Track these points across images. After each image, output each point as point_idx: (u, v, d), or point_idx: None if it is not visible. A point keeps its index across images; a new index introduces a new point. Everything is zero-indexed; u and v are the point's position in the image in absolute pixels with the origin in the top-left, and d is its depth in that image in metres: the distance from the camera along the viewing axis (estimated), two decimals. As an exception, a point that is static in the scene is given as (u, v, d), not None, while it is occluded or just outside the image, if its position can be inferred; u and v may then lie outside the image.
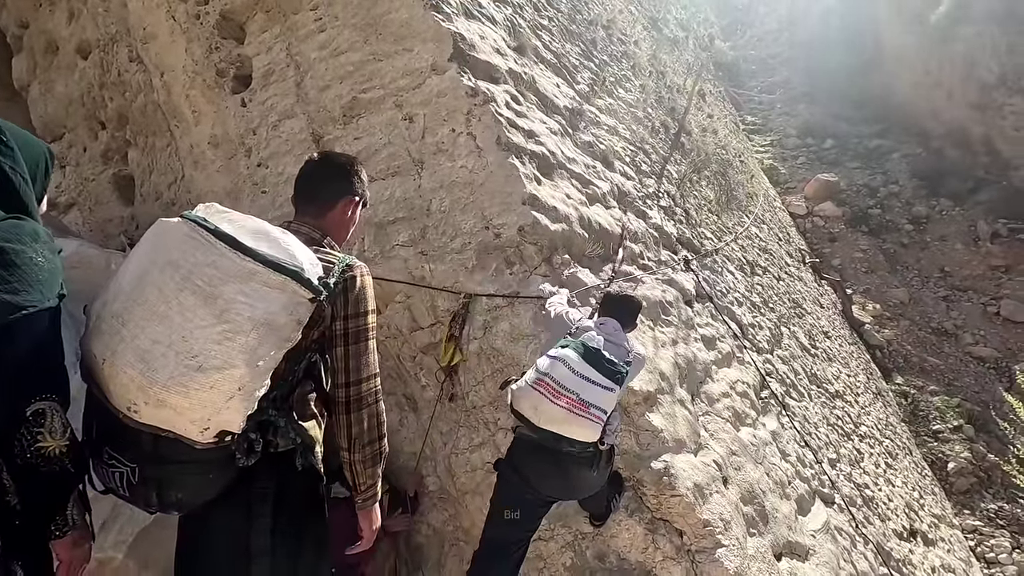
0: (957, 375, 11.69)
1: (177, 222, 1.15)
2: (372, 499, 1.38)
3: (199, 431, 1.08)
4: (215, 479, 1.16)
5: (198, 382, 1.04)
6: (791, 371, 5.43)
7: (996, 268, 14.32)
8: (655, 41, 8.60)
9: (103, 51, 4.74)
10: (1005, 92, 16.52)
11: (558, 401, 1.82)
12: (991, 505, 9.00)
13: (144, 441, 1.10)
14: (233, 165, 3.85)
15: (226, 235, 1.11)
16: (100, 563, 1.99)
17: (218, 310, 1.06)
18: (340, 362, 1.29)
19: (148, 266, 1.10)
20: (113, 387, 1.07)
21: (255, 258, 1.10)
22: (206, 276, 1.07)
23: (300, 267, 1.15)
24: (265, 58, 3.67)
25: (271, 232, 1.20)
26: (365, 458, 1.32)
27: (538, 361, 1.94)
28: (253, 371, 1.09)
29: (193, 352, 1.04)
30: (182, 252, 1.09)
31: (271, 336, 1.11)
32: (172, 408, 1.05)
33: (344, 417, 1.30)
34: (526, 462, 1.98)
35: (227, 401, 1.07)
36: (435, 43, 3.16)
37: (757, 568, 2.56)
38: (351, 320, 1.28)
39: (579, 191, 3.57)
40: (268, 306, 1.10)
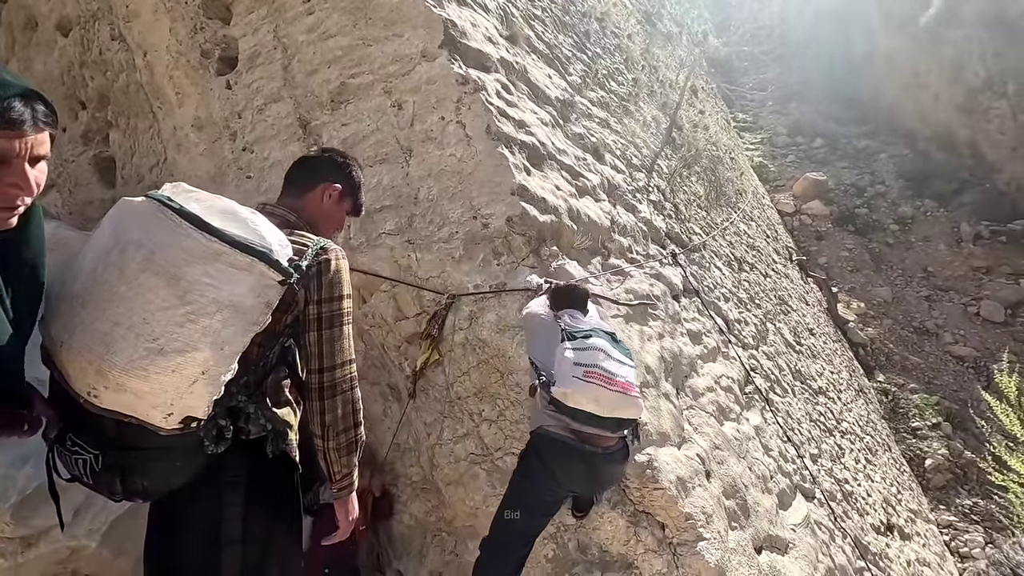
0: (937, 374, 11.91)
1: (141, 201, 1.11)
2: (348, 488, 1.35)
3: (162, 416, 1.04)
4: (182, 466, 1.12)
5: (159, 365, 1.00)
6: (775, 367, 5.48)
7: (977, 269, 14.57)
8: (648, 35, 8.57)
9: (84, 28, 4.61)
10: (991, 96, 16.75)
11: (613, 388, 1.89)
12: (966, 501, 9.21)
13: (107, 427, 1.06)
14: (217, 149, 3.77)
15: (192, 215, 1.07)
16: (73, 552, 1.95)
17: (181, 291, 1.02)
18: (314, 347, 1.25)
19: (110, 246, 1.06)
20: (72, 371, 1.03)
21: (221, 238, 1.07)
22: (169, 257, 1.03)
23: (268, 248, 1.12)
24: (251, 40, 3.59)
25: (239, 212, 1.16)
26: (339, 446, 1.28)
27: (567, 357, 1.94)
28: (218, 355, 1.05)
29: (154, 335, 1.00)
30: (145, 232, 1.05)
31: (237, 319, 1.07)
32: (132, 392, 1.01)
33: (318, 403, 1.26)
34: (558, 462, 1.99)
35: (190, 385, 1.03)
36: (426, 29, 3.10)
37: (737, 561, 2.58)
38: (325, 304, 1.25)
39: (569, 183, 3.55)
40: (234, 288, 1.06)
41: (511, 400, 2.61)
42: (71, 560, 2.02)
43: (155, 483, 1.12)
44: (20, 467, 1.83)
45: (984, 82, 16.80)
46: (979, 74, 16.90)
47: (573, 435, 1.95)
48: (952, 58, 17.70)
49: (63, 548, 1.91)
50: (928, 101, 19.00)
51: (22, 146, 0.86)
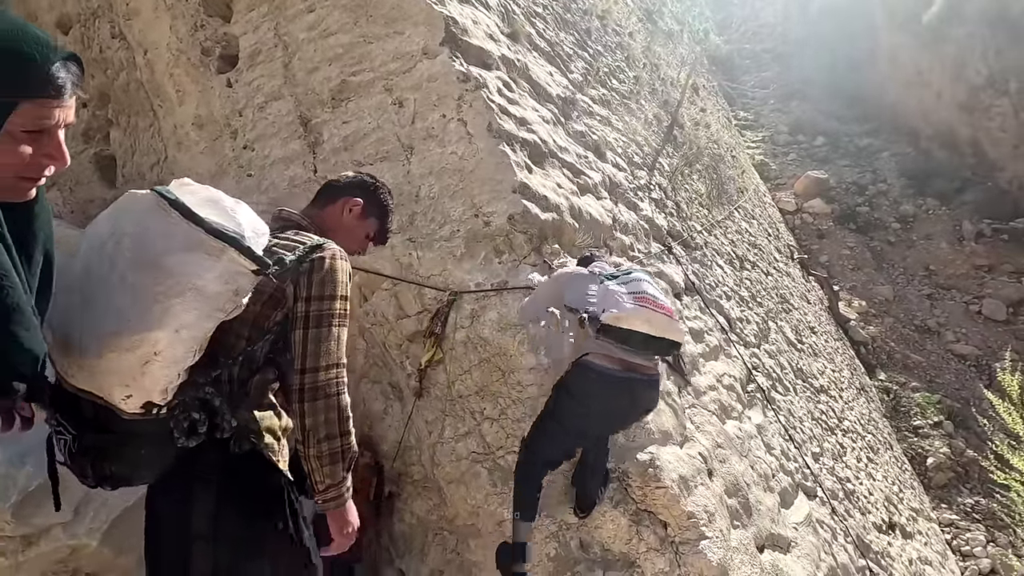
0: (938, 372, 11.89)
1: (143, 193, 1.13)
2: (334, 501, 1.27)
3: (121, 398, 1.04)
4: (148, 455, 1.11)
5: (113, 344, 1.00)
6: (777, 365, 5.47)
7: (979, 267, 14.54)
8: (650, 33, 8.55)
9: (84, 26, 4.60)
10: (993, 94, 16.70)
11: (662, 311, 2.06)
12: (968, 500, 9.19)
13: (85, 408, 1.07)
14: (218, 147, 3.76)
15: (182, 205, 1.09)
16: (74, 550, 1.95)
17: (155, 277, 1.03)
18: (298, 346, 1.21)
19: (105, 237, 1.09)
20: (52, 351, 1.06)
21: (201, 226, 1.08)
22: (157, 245, 1.05)
23: (240, 234, 1.10)
24: (252, 37, 3.58)
25: (222, 201, 1.17)
26: (321, 454, 1.21)
27: (614, 288, 2.09)
28: (172, 336, 1.03)
29: (115, 314, 1.01)
30: (138, 223, 1.08)
31: (200, 304, 1.05)
32: (90, 372, 1.03)
33: (298, 406, 1.21)
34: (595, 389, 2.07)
35: (142, 366, 1.02)
36: (427, 26, 3.09)
37: (740, 560, 2.57)
38: (314, 302, 1.21)
39: (570, 181, 3.54)
40: (201, 272, 1.05)
41: (513, 399, 2.60)
42: (72, 559, 2.01)
43: (121, 469, 1.12)
44: (20, 465, 1.83)
45: (986, 80, 16.75)
46: (981, 72, 16.84)
47: (618, 365, 2.04)
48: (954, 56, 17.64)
49: (64, 547, 1.91)
50: (930, 99, 18.94)
51: (60, 114, 0.83)
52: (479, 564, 2.54)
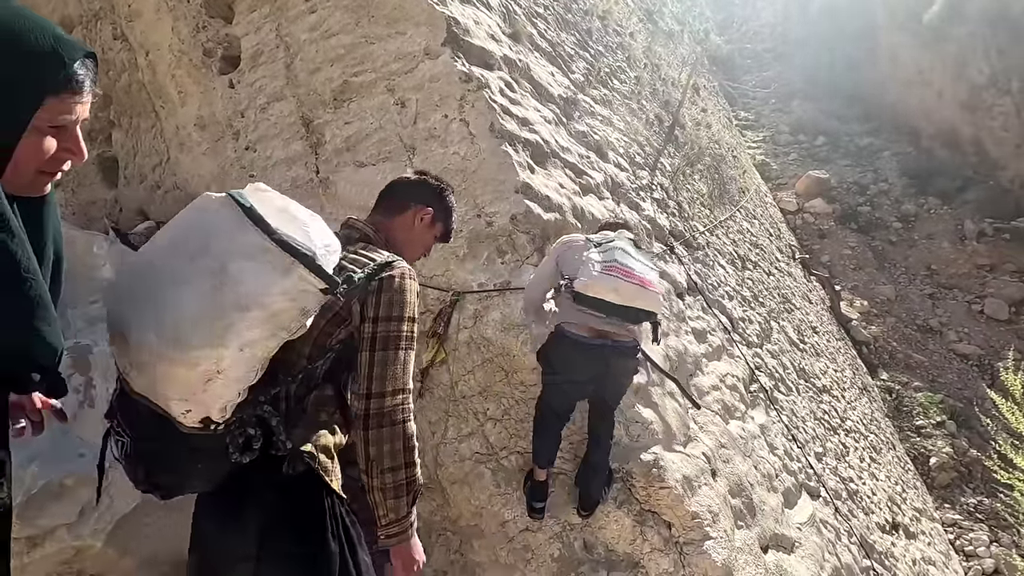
0: (941, 372, 11.87)
1: (216, 197, 1.10)
2: (398, 536, 1.20)
3: (181, 412, 1.01)
4: (204, 469, 1.08)
5: (178, 357, 0.97)
6: (780, 365, 5.46)
7: (981, 267, 14.52)
8: (650, 33, 8.55)
9: (86, 28, 4.61)
10: (995, 93, 16.68)
11: (631, 280, 2.12)
12: (971, 500, 9.17)
13: (143, 412, 1.03)
14: (220, 148, 3.76)
15: (252, 210, 1.05)
16: (78, 551, 1.95)
17: (219, 285, 0.99)
18: (363, 368, 1.15)
19: (172, 237, 1.08)
20: (114, 348, 1.05)
21: (270, 236, 1.03)
22: (221, 250, 1.02)
23: (312, 251, 1.05)
24: (254, 38, 3.58)
25: (294, 211, 1.12)
26: (385, 486, 1.15)
27: (590, 258, 2.17)
28: (236, 355, 1.00)
29: (182, 322, 0.98)
30: (207, 225, 1.05)
31: (265, 322, 1.02)
32: (151, 380, 1.00)
33: (362, 433, 1.14)
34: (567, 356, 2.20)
35: (204, 384, 0.99)
36: (428, 27, 3.09)
37: (744, 560, 2.56)
38: (381, 323, 1.15)
39: (572, 181, 3.54)
40: (267, 287, 1.01)
41: (516, 399, 2.60)
42: (76, 560, 2.01)
43: (174, 480, 1.09)
44: (26, 466, 1.83)
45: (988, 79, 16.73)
46: (983, 71, 16.82)
47: (588, 332, 2.16)
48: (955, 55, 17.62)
49: (68, 548, 1.91)
50: (931, 98, 18.92)
51: (80, 110, 0.83)
52: (482, 565, 2.54)
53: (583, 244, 2.31)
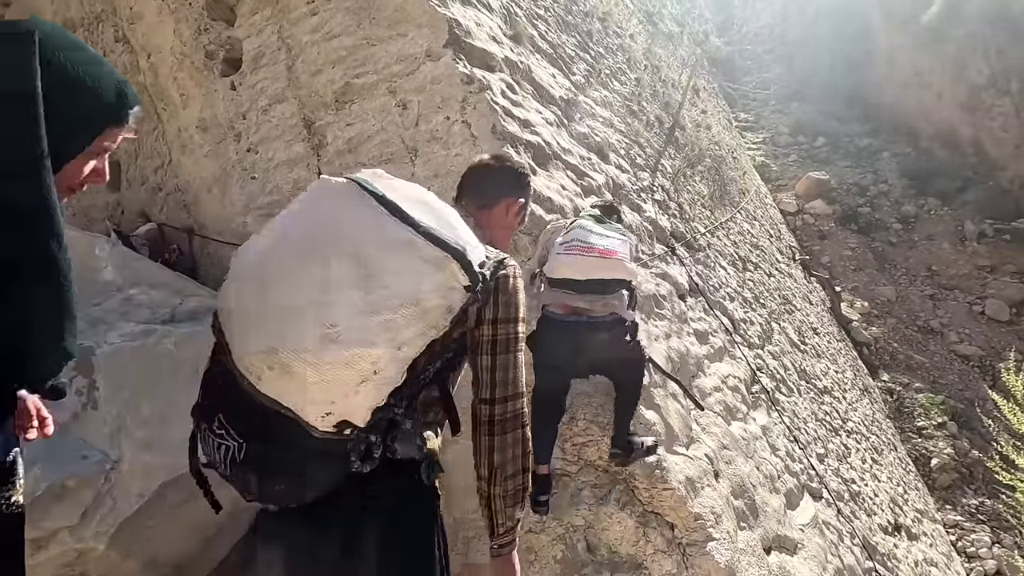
0: (942, 373, 11.87)
1: (340, 181, 1.04)
2: (509, 546, 1.13)
3: (319, 415, 0.94)
4: (323, 478, 0.99)
5: (331, 355, 0.91)
6: (781, 366, 5.46)
7: (982, 268, 14.52)
8: (650, 35, 8.56)
9: (87, 30, 4.62)
10: (994, 93, 16.70)
11: (589, 254, 2.24)
12: (972, 501, 9.16)
13: (257, 415, 0.96)
14: (222, 150, 3.77)
15: (388, 200, 1.00)
16: (81, 554, 1.94)
17: (367, 278, 0.94)
18: (486, 374, 1.09)
19: (303, 222, 1.02)
20: (243, 344, 0.96)
21: (415, 228, 0.98)
22: (360, 240, 0.97)
23: (463, 247, 1.01)
24: (256, 41, 3.59)
25: (433, 203, 1.07)
26: (507, 493, 1.09)
27: (555, 241, 2.32)
28: (392, 354, 0.94)
29: (332, 320, 0.92)
30: (340, 213, 1.00)
31: (418, 319, 0.96)
32: (297, 380, 0.92)
33: (487, 439, 1.08)
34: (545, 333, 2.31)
35: (358, 384, 0.93)
36: (430, 28, 3.10)
37: (747, 562, 2.56)
38: (500, 325, 1.09)
39: (574, 182, 3.54)
40: (421, 284, 0.96)
41: (519, 400, 2.59)
42: (79, 562, 2.01)
43: (291, 488, 0.99)
44: (29, 468, 1.83)
45: (987, 80, 16.75)
46: (982, 72, 16.85)
47: (564, 310, 2.28)
48: (954, 56, 17.65)
49: (71, 550, 1.90)
50: (930, 99, 18.95)
51: (119, 141, 0.92)
52: (486, 566, 2.53)
53: (562, 228, 2.44)
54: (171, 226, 4.24)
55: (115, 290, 2.55)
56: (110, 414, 2.11)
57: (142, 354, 2.29)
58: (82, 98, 0.83)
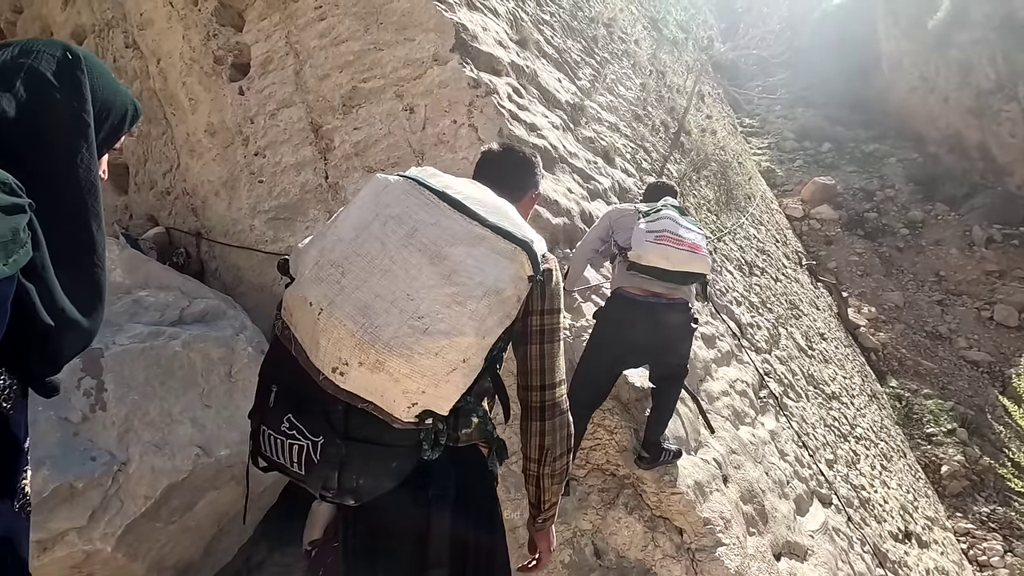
0: (951, 379, 11.75)
1: (397, 179, 1.07)
2: (552, 519, 1.25)
3: (406, 406, 0.96)
4: (397, 468, 1.01)
5: (423, 345, 0.93)
6: (789, 371, 5.42)
7: (990, 273, 14.40)
8: (655, 41, 8.58)
9: (98, 37, 4.66)
10: (1001, 98, 16.62)
11: (681, 247, 2.37)
12: (983, 508, 9.04)
13: (335, 411, 0.97)
14: (230, 154, 3.79)
15: (450, 197, 1.03)
16: (88, 555, 1.94)
17: (446, 271, 0.97)
18: (535, 362, 1.13)
19: (370, 219, 1.02)
20: (324, 342, 0.96)
21: (482, 223, 1.02)
22: (431, 235, 0.99)
23: (530, 239, 1.04)
24: (264, 46, 3.61)
25: (487, 198, 1.10)
26: (554, 472, 1.17)
27: (640, 228, 2.40)
28: (480, 343, 0.98)
29: (419, 312, 0.94)
30: (404, 208, 1.02)
31: (498, 308, 0.99)
32: (389, 373, 0.93)
33: (538, 424, 1.14)
34: (625, 312, 2.44)
35: (448, 373, 0.96)
36: (437, 33, 3.11)
37: (757, 568, 2.53)
38: (547, 316, 1.13)
39: (581, 186, 3.54)
40: (498, 273, 1.00)
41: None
42: (85, 564, 2.01)
43: (369, 482, 1.00)
44: (36, 469, 1.83)
45: (994, 85, 16.67)
46: (989, 77, 16.77)
47: (642, 293, 2.42)
48: (961, 61, 17.59)
49: (78, 552, 1.90)
50: (937, 104, 18.87)
51: None
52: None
53: (634, 213, 2.53)
54: (179, 230, 4.26)
55: (124, 292, 2.56)
56: (118, 416, 2.11)
57: (150, 356, 2.29)
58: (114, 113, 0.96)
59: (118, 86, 0.98)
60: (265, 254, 3.62)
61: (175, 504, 2.17)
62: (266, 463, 1.05)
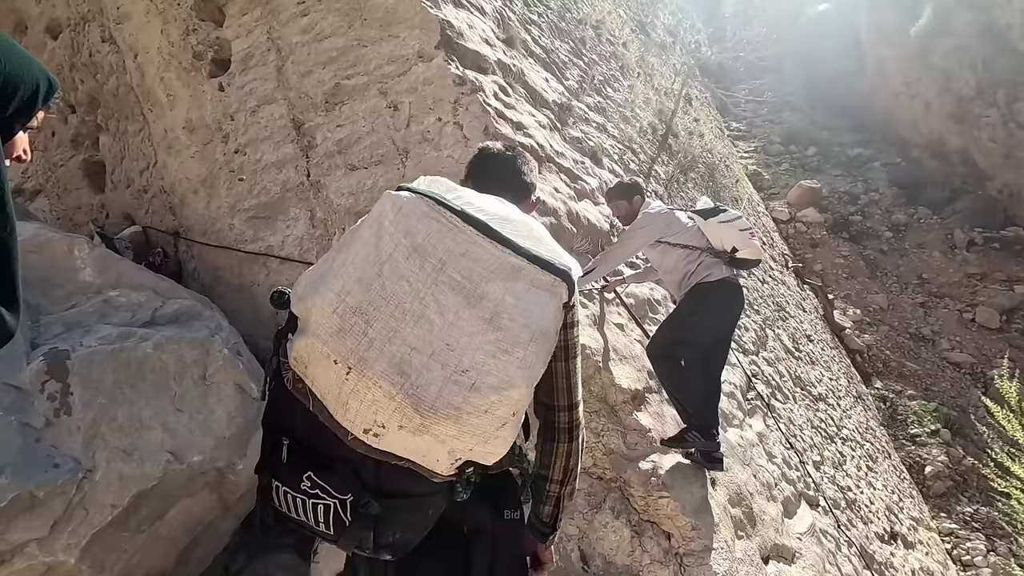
0: (934, 380, 11.89)
1: (412, 197, 0.92)
2: (558, 531, 1.23)
3: (450, 463, 0.88)
4: (432, 514, 0.96)
5: (472, 404, 0.83)
6: (776, 373, 5.42)
7: (972, 276, 14.62)
8: (643, 44, 8.60)
9: (74, 31, 4.54)
10: (982, 104, 16.92)
11: (756, 239, 2.87)
12: (967, 508, 9.13)
13: (366, 469, 0.89)
14: (209, 151, 3.70)
15: (473, 218, 0.91)
16: (50, 568, 1.85)
17: (487, 314, 0.85)
18: (562, 379, 1.07)
19: (390, 250, 0.87)
20: (355, 404, 0.84)
21: (516, 251, 0.90)
22: (463, 268, 0.86)
23: (568, 268, 0.95)
24: (245, 41, 3.53)
25: (513, 216, 0.99)
26: (573, 491, 1.14)
27: (726, 223, 2.82)
28: (529, 392, 0.89)
29: (463, 366, 0.83)
30: (427, 236, 0.88)
31: (543, 349, 0.90)
32: (434, 436, 0.84)
33: (565, 445, 1.09)
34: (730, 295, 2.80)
35: (498, 429, 0.86)
36: (422, 30, 3.06)
37: (745, 572, 2.49)
38: (569, 330, 1.06)
39: (568, 186, 3.50)
40: (542, 312, 0.90)
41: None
42: (49, 577, 1.91)
43: (406, 534, 0.94)
44: (-6, 477, 1.74)
45: (975, 91, 16.97)
46: (969, 83, 17.07)
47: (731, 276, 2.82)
48: (943, 67, 17.88)
49: (39, 564, 1.81)
50: (919, 110, 19.17)
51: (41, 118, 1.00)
52: None
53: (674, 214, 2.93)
54: (156, 229, 4.16)
55: (93, 292, 2.47)
56: (84, 420, 2.02)
57: (120, 358, 2.20)
58: (23, 89, 0.92)
59: (28, 60, 0.93)
60: (245, 254, 3.53)
61: (144, 512, 2.08)
62: (281, 519, 0.95)
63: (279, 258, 3.37)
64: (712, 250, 2.81)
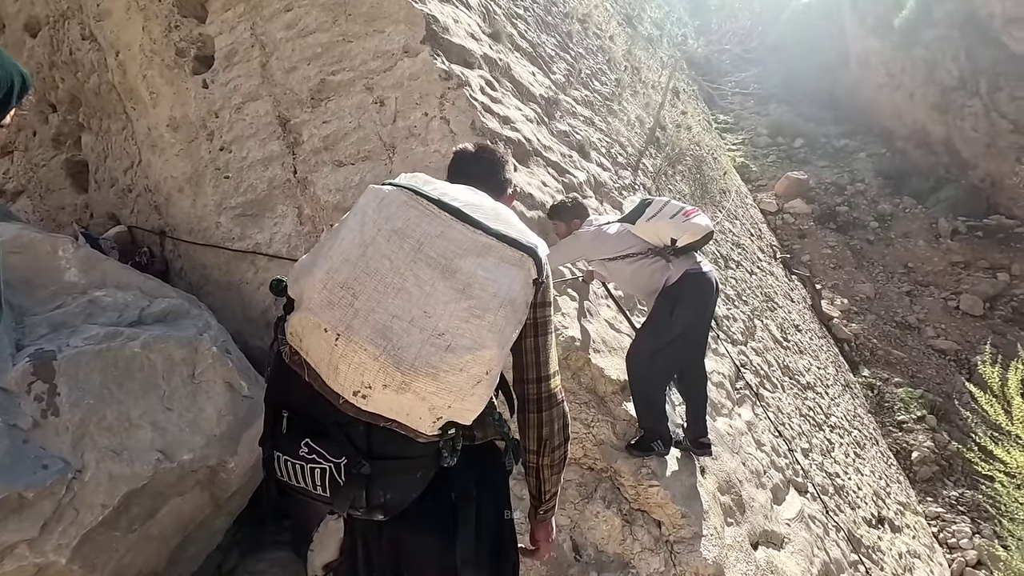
0: (920, 367, 12.07)
1: (391, 190, 1.04)
2: (553, 509, 1.27)
3: (432, 421, 0.97)
4: (421, 478, 1.03)
5: (448, 363, 0.93)
6: (765, 363, 5.48)
7: (956, 264, 14.83)
8: (630, 37, 8.61)
9: (53, 28, 4.47)
10: (964, 95, 17.11)
11: (693, 216, 2.66)
12: (952, 492, 9.31)
13: (357, 432, 0.98)
14: (193, 149, 3.67)
15: (448, 205, 1.02)
16: (40, 569, 1.84)
17: (460, 284, 0.96)
18: (531, 355, 1.16)
19: (372, 234, 0.99)
20: (344, 367, 0.95)
21: (486, 231, 1.01)
22: (438, 247, 0.98)
23: (534, 245, 1.05)
24: (228, 38, 3.50)
25: (484, 203, 1.09)
26: (554, 462, 1.20)
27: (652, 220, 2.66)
28: (500, 353, 0.98)
29: (439, 329, 0.94)
30: (406, 221, 0.99)
31: (513, 317, 1.00)
32: (415, 393, 0.94)
33: (535, 416, 1.17)
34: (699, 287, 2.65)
35: (473, 387, 0.96)
36: (407, 25, 3.05)
37: (735, 557, 2.54)
38: (539, 309, 1.14)
39: (555, 179, 3.51)
40: (510, 283, 1.00)
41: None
42: (40, 579, 1.91)
43: (396, 496, 1.02)
44: (-19, 479, 1.72)
45: (957, 81, 17.15)
46: (952, 73, 17.25)
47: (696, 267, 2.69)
48: (925, 58, 18.05)
49: (30, 565, 1.80)
50: (903, 101, 19.35)
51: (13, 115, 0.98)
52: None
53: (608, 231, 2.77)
54: (142, 228, 4.12)
55: (79, 292, 2.45)
56: (72, 421, 2.01)
57: (107, 358, 2.19)
58: None
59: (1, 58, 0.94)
60: (232, 252, 3.51)
61: (135, 512, 2.07)
62: (283, 489, 1.04)
63: (267, 256, 3.36)
64: (654, 249, 2.68)
